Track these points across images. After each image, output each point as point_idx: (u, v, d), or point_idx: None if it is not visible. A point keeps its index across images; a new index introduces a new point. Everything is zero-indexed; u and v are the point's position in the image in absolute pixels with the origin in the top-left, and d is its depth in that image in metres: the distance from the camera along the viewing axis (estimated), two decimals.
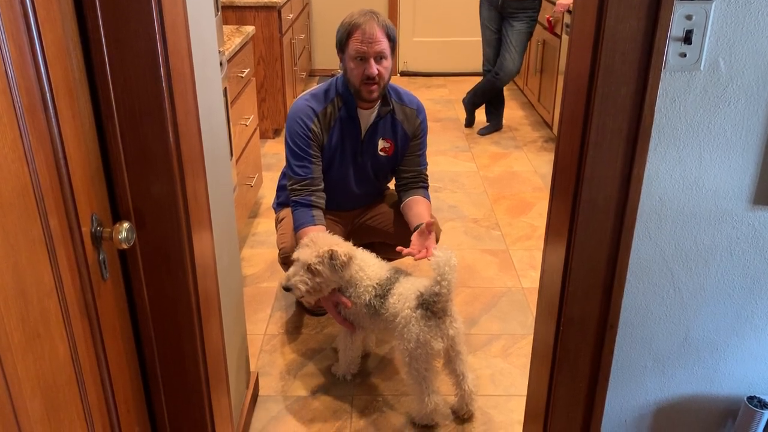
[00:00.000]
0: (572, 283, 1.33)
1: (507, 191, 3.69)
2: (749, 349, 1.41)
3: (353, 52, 2.12)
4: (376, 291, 1.99)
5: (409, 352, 1.89)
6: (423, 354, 1.88)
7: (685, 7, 1.13)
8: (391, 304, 1.95)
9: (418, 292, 1.90)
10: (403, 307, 1.91)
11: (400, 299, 1.93)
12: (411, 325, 1.88)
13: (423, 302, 1.87)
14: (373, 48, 2.10)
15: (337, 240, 2.03)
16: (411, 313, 1.89)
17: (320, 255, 1.93)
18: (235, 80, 2.84)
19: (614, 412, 1.48)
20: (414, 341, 1.87)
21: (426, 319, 1.87)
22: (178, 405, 1.39)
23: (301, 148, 2.22)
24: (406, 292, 1.93)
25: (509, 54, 4.32)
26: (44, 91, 0.90)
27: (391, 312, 1.95)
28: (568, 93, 1.31)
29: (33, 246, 0.87)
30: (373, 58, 2.11)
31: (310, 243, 1.99)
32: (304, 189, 2.22)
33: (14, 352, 0.82)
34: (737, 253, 1.32)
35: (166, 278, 1.27)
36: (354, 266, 1.99)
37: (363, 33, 2.10)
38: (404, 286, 1.95)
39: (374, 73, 2.11)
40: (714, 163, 1.24)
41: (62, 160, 0.95)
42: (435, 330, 1.87)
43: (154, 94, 1.12)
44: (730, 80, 1.18)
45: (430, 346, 1.87)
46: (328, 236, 2.05)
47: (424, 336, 1.86)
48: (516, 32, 4.27)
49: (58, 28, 0.96)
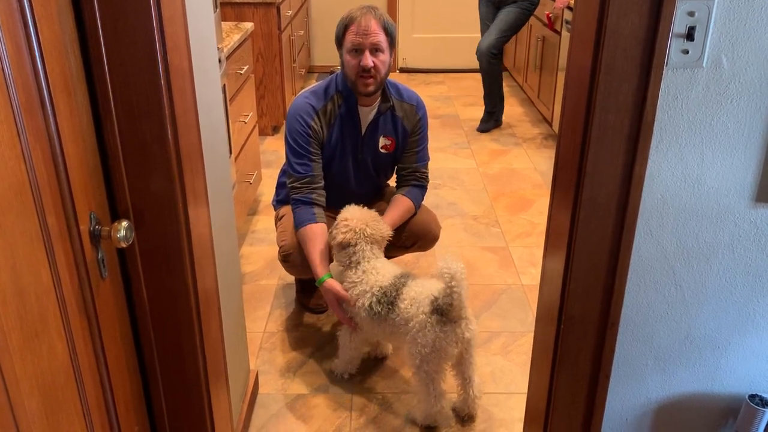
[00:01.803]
0: (573, 281, 1.33)
1: (507, 188, 3.69)
2: (751, 347, 1.41)
3: (349, 44, 2.12)
4: (377, 297, 1.96)
5: (422, 356, 1.86)
6: (436, 358, 1.86)
7: (688, 3, 1.12)
8: (402, 309, 1.91)
9: (432, 297, 1.86)
10: (417, 312, 1.87)
11: (414, 303, 1.89)
12: (426, 330, 1.84)
13: (437, 307, 1.83)
14: (369, 39, 2.10)
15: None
16: (426, 318, 1.85)
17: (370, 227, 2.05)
18: (233, 77, 2.83)
19: (615, 410, 1.47)
20: (429, 346, 1.84)
21: (442, 324, 1.83)
22: (178, 403, 1.39)
23: (301, 146, 2.21)
24: (419, 297, 1.89)
25: (487, 33, 4.36)
26: (41, 87, 0.89)
27: (403, 317, 1.91)
28: (570, 90, 1.30)
29: (31, 244, 0.86)
30: (369, 50, 2.10)
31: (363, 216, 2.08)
32: (305, 187, 2.21)
33: (12, 352, 0.81)
34: (739, 251, 1.31)
35: (165, 276, 1.26)
36: (368, 266, 2.00)
37: (359, 25, 2.10)
38: (415, 290, 1.92)
39: (369, 64, 2.10)
40: (716, 161, 1.24)
41: (60, 157, 0.94)
42: (451, 335, 1.84)
43: (152, 91, 1.11)
44: (732, 77, 1.17)
45: (444, 351, 1.85)
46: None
47: (440, 342, 1.83)
48: (503, 14, 4.31)
49: (55, 24, 0.95)
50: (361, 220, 2.04)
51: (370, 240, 2.05)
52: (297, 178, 2.22)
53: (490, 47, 4.33)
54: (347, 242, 2.04)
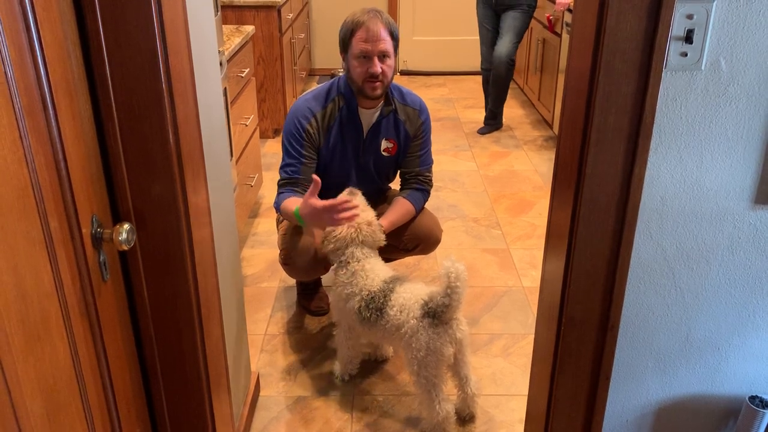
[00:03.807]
0: (573, 283, 1.33)
1: (507, 190, 3.69)
2: (751, 349, 1.41)
3: (357, 50, 2.12)
4: (366, 301, 1.96)
5: (419, 361, 1.86)
6: (433, 361, 1.85)
7: (686, 6, 1.12)
8: (392, 316, 1.90)
9: (421, 301, 1.86)
10: (408, 318, 1.87)
11: (403, 310, 1.89)
12: (419, 335, 1.84)
13: (429, 311, 1.84)
14: (377, 47, 2.10)
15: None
16: (417, 323, 1.85)
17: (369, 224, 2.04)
18: (234, 80, 2.84)
19: (615, 412, 1.48)
20: (424, 350, 1.84)
21: (434, 326, 1.83)
22: (179, 406, 1.39)
23: (294, 148, 2.23)
24: (407, 303, 1.89)
25: (500, 40, 4.36)
26: (44, 91, 0.90)
27: (393, 324, 1.90)
28: (569, 92, 1.31)
29: (33, 247, 0.87)
30: (377, 57, 2.11)
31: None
32: (290, 185, 2.23)
33: (15, 354, 0.82)
34: (739, 253, 1.32)
35: (167, 279, 1.26)
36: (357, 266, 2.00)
37: (367, 31, 2.10)
38: (403, 296, 1.91)
39: (378, 71, 2.11)
40: (715, 163, 1.24)
41: (62, 161, 0.94)
42: (444, 336, 1.84)
43: (153, 94, 1.12)
44: (731, 80, 1.18)
45: (440, 353, 1.84)
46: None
47: (434, 344, 1.83)
48: (509, 19, 4.32)
49: (58, 29, 0.95)
50: (353, 225, 2.02)
51: (360, 243, 2.04)
52: (284, 177, 2.26)
53: (509, 54, 4.35)
54: (337, 249, 2.05)
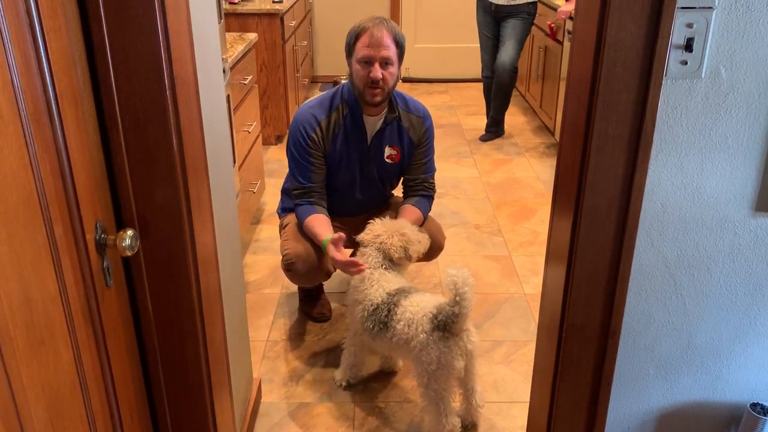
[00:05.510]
0: (574, 290, 1.33)
1: (509, 197, 3.70)
2: (752, 356, 1.41)
3: (360, 55, 2.14)
4: (368, 312, 1.96)
5: (429, 374, 1.83)
6: (444, 375, 1.83)
7: (686, 15, 1.13)
8: (399, 330, 1.88)
9: (430, 314, 1.83)
10: (417, 333, 1.83)
11: (411, 324, 1.85)
12: (430, 349, 1.81)
13: (439, 324, 1.80)
14: (380, 53, 2.12)
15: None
16: (427, 337, 1.81)
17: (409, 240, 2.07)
18: (237, 87, 2.85)
19: (617, 419, 1.47)
20: (435, 363, 1.81)
21: (444, 340, 1.80)
22: (181, 411, 1.39)
23: (303, 156, 2.25)
24: (415, 317, 1.86)
25: (503, 47, 4.38)
26: (49, 99, 0.91)
27: (401, 338, 1.88)
28: (570, 99, 1.32)
29: (38, 253, 0.88)
30: (379, 63, 2.12)
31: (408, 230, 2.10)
32: (306, 194, 2.27)
33: (19, 359, 0.82)
34: (739, 260, 1.32)
35: (170, 285, 1.27)
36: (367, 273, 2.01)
37: (371, 36, 2.12)
38: (410, 310, 1.88)
39: (378, 77, 2.12)
40: (715, 170, 1.25)
41: (67, 168, 0.95)
42: (455, 349, 1.80)
43: (157, 101, 1.13)
44: (731, 88, 1.19)
45: (451, 366, 1.81)
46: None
47: (446, 358, 1.80)
48: (510, 27, 4.34)
49: (64, 38, 0.96)
50: (391, 232, 2.06)
51: (382, 249, 2.05)
52: (298, 186, 2.28)
53: (512, 62, 4.37)
54: (362, 242, 2.10)
